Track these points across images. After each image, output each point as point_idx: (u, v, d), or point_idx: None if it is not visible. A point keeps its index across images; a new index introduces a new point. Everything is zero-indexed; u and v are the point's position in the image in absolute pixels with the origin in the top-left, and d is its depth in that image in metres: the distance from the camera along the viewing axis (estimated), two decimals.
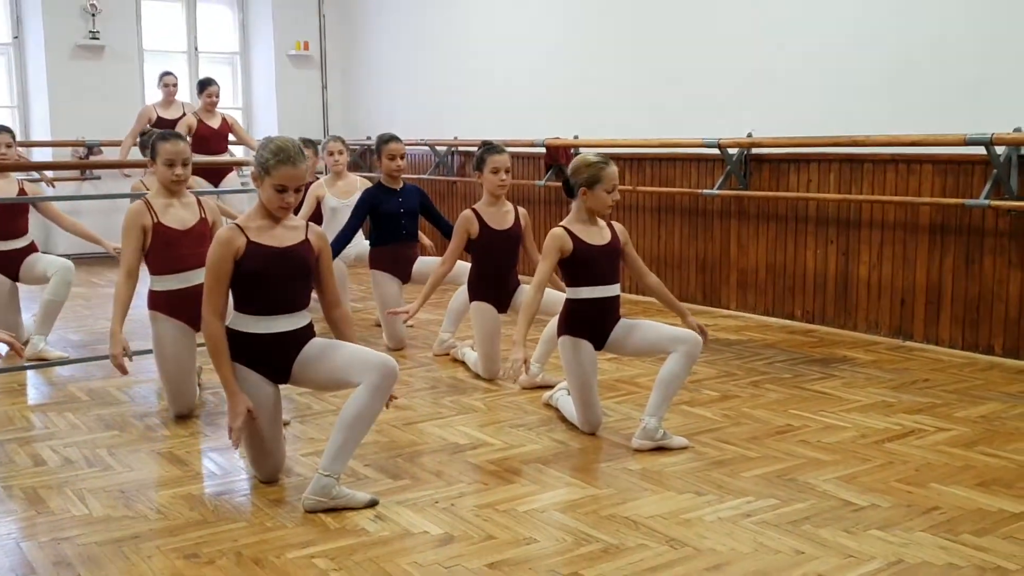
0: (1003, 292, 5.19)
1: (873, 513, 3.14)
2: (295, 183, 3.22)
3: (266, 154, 3.20)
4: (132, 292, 4.14)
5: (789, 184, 6.19)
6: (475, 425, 4.15)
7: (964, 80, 5.26)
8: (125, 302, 4.09)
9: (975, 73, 5.22)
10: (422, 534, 2.99)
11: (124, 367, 4.06)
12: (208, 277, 3.24)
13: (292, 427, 4.08)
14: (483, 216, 4.88)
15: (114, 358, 4.03)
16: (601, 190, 3.87)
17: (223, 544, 2.92)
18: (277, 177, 3.19)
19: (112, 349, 4.05)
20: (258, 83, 10.99)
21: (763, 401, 4.47)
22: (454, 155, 9.11)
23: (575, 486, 3.42)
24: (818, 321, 6.11)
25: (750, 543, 2.91)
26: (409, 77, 9.85)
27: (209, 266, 3.23)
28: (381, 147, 5.66)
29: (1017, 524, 3.03)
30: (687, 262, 6.94)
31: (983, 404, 4.38)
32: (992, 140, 4.91)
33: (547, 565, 2.77)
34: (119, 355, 4.04)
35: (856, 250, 5.87)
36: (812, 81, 6.01)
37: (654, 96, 7.06)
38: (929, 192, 5.44)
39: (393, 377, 3.19)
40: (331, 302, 3.49)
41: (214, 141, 8.44)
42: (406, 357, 5.40)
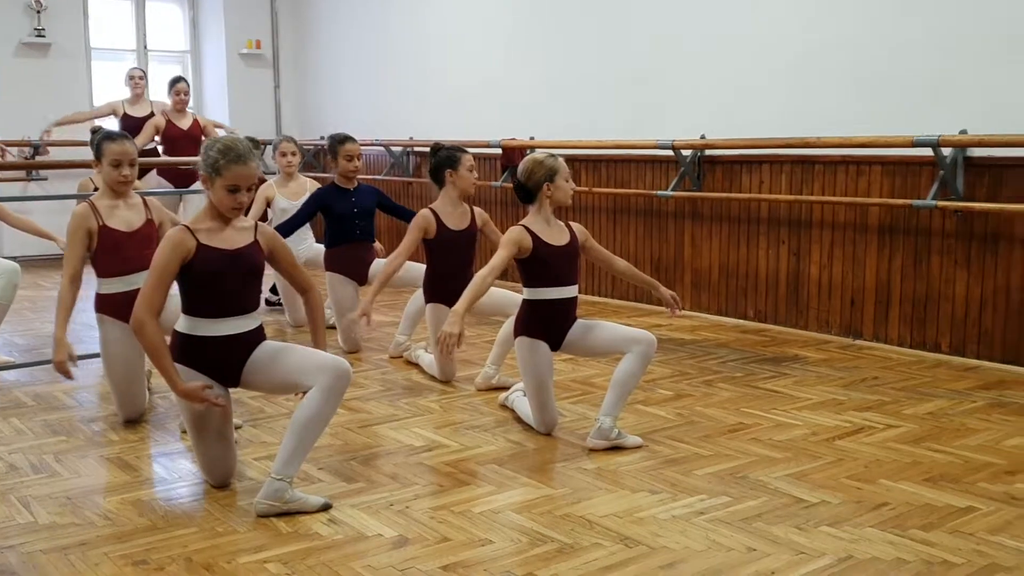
0: (950, 291, 5.29)
1: (823, 509, 3.18)
2: (247, 182, 3.19)
3: (214, 154, 3.17)
4: (76, 297, 4.07)
5: (741, 185, 6.25)
6: (431, 427, 4.14)
7: (912, 83, 5.36)
8: (69, 307, 4.03)
9: (923, 76, 5.31)
10: (376, 537, 2.98)
11: (69, 372, 3.99)
12: (152, 276, 3.17)
13: (244, 431, 4.04)
14: (441, 216, 4.88)
15: (59, 364, 3.95)
16: (561, 180, 3.93)
17: (173, 550, 2.89)
18: (228, 177, 3.16)
19: (56, 355, 3.96)
20: (209, 82, 10.88)
21: (716, 400, 4.52)
22: (409, 155, 9.09)
23: (530, 486, 3.43)
24: (770, 320, 6.18)
25: (703, 541, 2.94)
26: (363, 76, 9.81)
27: (155, 265, 3.17)
28: (337, 147, 5.62)
29: (963, 519, 3.09)
30: (642, 263, 6.98)
31: (930, 401, 4.46)
32: (939, 142, 5.00)
33: (502, 566, 2.77)
34: (63, 361, 3.97)
35: (807, 250, 5.95)
36: (764, 84, 6.08)
37: (609, 98, 7.10)
38: (878, 193, 5.53)
39: (347, 379, 3.17)
40: (302, 288, 3.49)
41: (184, 143, 8.18)
42: (361, 360, 5.38)
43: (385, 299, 7.08)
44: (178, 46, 10.85)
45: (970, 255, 5.19)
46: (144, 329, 3.15)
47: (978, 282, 5.16)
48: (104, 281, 4.15)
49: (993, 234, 5.09)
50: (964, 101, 5.12)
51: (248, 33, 10.58)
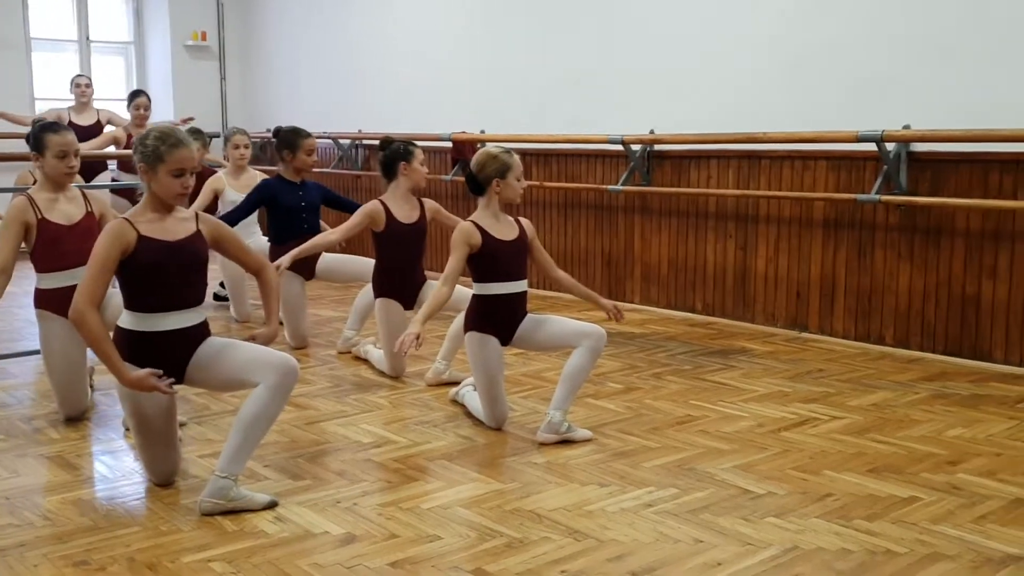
0: (893, 284, 5.37)
1: (770, 501, 3.21)
2: (191, 164, 3.14)
3: (152, 142, 3.12)
4: (3, 290, 3.98)
5: (690, 180, 6.29)
6: (379, 423, 4.12)
7: (856, 79, 5.42)
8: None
9: (866, 72, 5.38)
10: (323, 534, 2.95)
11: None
12: (92, 267, 3.09)
13: (188, 428, 3.99)
14: (391, 209, 4.84)
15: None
16: (512, 178, 3.91)
17: (115, 550, 2.84)
18: (172, 162, 3.11)
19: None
20: (153, 75, 10.71)
21: (665, 392, 4.54)
22: (358, 148, 9.02)
23: (480, 482, 3.42)
24: (718, 314, 6.24)
25: (651, 533, 2.95)
26: (311, 68, 9.72)
27: (95, 256, 3.10)
28: (300, 141, 5.50)
29: (906, 508, 3.14)
30: (593, 257, 7.01)
31: (875, 393, 4.52)
32: (883, 137, 5.07)
33: (450, 562, 2.76)
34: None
35: (754, 244, 6.00)
36: (712, 80, 6.12)
37: (560, 92, 7.10)
38: (823, 187, 5.59)
39: (294, 376, 3.14)
40: (255, 270, 3.44)
41: None
42: (309, 356, 5.33)
43: (333, 293, 7.04)
44: (121, 37, 10.66)
45: (913, 249, 5.27)
46: (85, 320, 3.07)
47: (921, 275, 5.25)
48: (44, 276, 4.06)
49: (936, 228, 5.17)
50: (907, 97, 5.19)
51: (193, 24, 10.42)
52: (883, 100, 5.28)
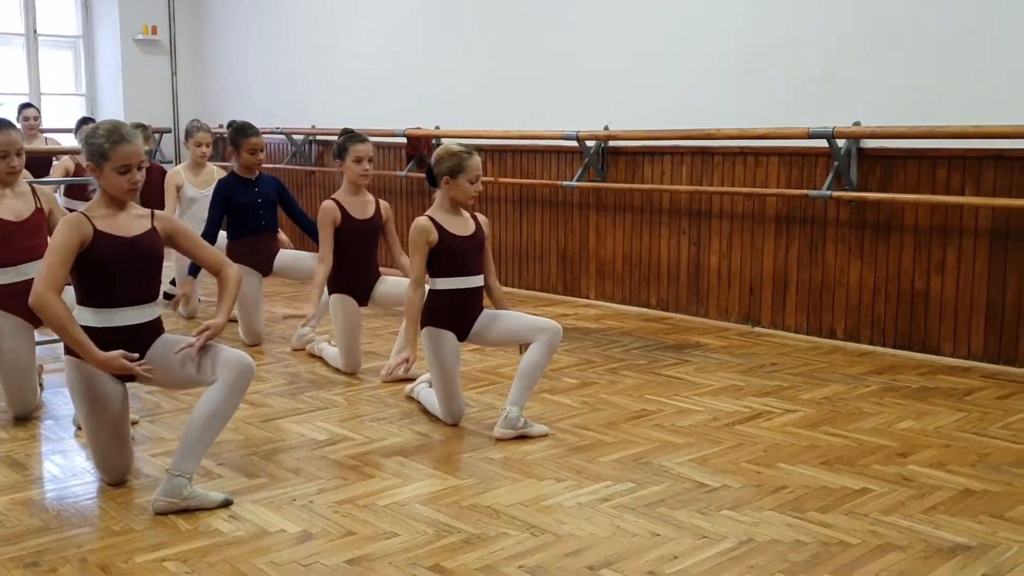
0: (844, 279, 5.44)
1: (725, 494, 3.24)
2: (136, 160, 3.10)
3: (97, 140, 3.08)
4: None
5: (644, 176, 6.33)
6: (335, 420, 4.09)
7: (807, 76, 5.48)
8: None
9: (817, 69, 5.44)
10: (279, 533, 2.93)
11: None
12: (51, 255, 3.03)
13: (141, 427, 3.93)
14: (344, 206, 4.80)
15: None
16: (464, 180, 3.87)
17: (67, 551, 2.79)
18: (117, 159, 3.06)
19: None
20: (103, 69, 10.53)
21: (620, 387, 4.56)
22: (312, 144, 8.95)
23: (437, 478, 3.41)
24: (672, 309, 6.28)
25: (608, 527, 2.96)
26: (264, 63, 9.62)
27: (54, 245, 3.04)
28: (241, 140, 5.46)
29: (858, 500, 3.18)
30: (548, 253, 7.02)
31: (827, 386, 4.58)
32: (834, 133, 5.13)
33: (408, 558, 2.75)
34: None
35: (707, 240, 6.05)
36: (666, 77, 6.15)
37: (515, 88, 7.10)
38: (775, 184, 5.65)
39: (249, 374, 3.10)
40: (215, 268, 3.34)
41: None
42: (263, 353, 5.28)
43: (288, 291, 6.98)
44: (70, 31, 10.47)
45: (863, 244, 5.34)
46: (47, 303, 2.99)
47: (871, 270, 5.32)
48: None
49: (886, 223, 5.25)
50: (858, 94, 5.26)
51: (144, 18, 10.26)
52: (834, 97, 5.34)
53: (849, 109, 5.23)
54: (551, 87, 6.83)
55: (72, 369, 3.15)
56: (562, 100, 6.73)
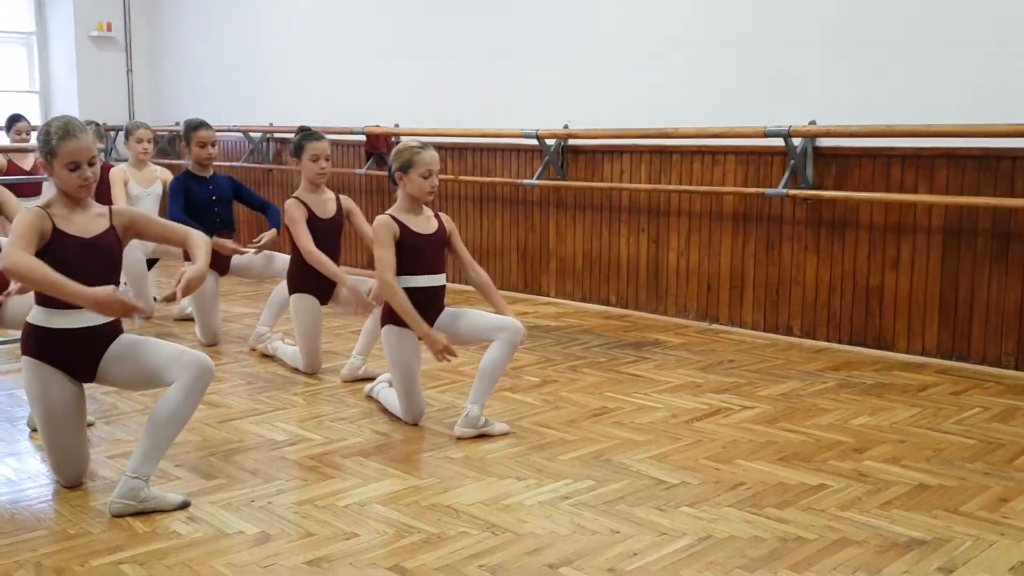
0: (800, 276, 5.49)
1: (684, 490, 3.25)
2: (86, 156, 3.04)
3: (46, 137, 3.03)
4: None
5: (603, 175, 6.34)
6: (294, 420, 4.05)
7: (764, 75, 5.53)
8: None
9: (774, 69, 5.49)
10: (237, 534, 2.90)
11: None
12: (14, 235, 2.93)
13: (97, 428, 3.87)
14: (308, 204, 4.75)
15: None
16: (415, 175, 3.85)
17: (21, 555, 2.74)
18: (64, 155, 3.01)
19: None
20: (56, 66, 10.36)
21: (580, 385, 4.57)
22: (269, 142, 8.87)
23: (397, 477, 3.39)
24: (631, 306, 6.30)
25: (568, 525, 2.96)
26: (220, 60, 9.52)
27: (16, 228, 2.95)
28: (190, 134, 5.43)
29: (815, 496, 3.21)
30: (508, 251, 7.01)
31: (784, 383, 4.62)
32: (790, 132, 5.18)
33: (368, 559, 2.73)
34: None
35: (666, 238, 6.08)
36: (625, 76, 6.17)
37: (475, 86, 7.09)
38: (732, 182, 5.69)
39: (209, 375, 3.07)
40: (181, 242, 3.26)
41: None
42: (221, 353, 5.22)
43: (246, 289, 6.92)
44: (22, 27, 10.29)
45: (819, 241, 5.40)
46: (15, 262, 2.86)
47: (827, 267, 5.38)
48: None
49: (841, 221, 5.30)
50: (813, 94, 5.31)
51: (98, 14, 10.11)
52: (790, 97, 5.39)
53: (805, 108, 5.28)
54: (511, 86, 6.82)
55: (28, 370, 3.09)
56: (522, 99, 6.73)
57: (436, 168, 3.89)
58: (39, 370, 3.07)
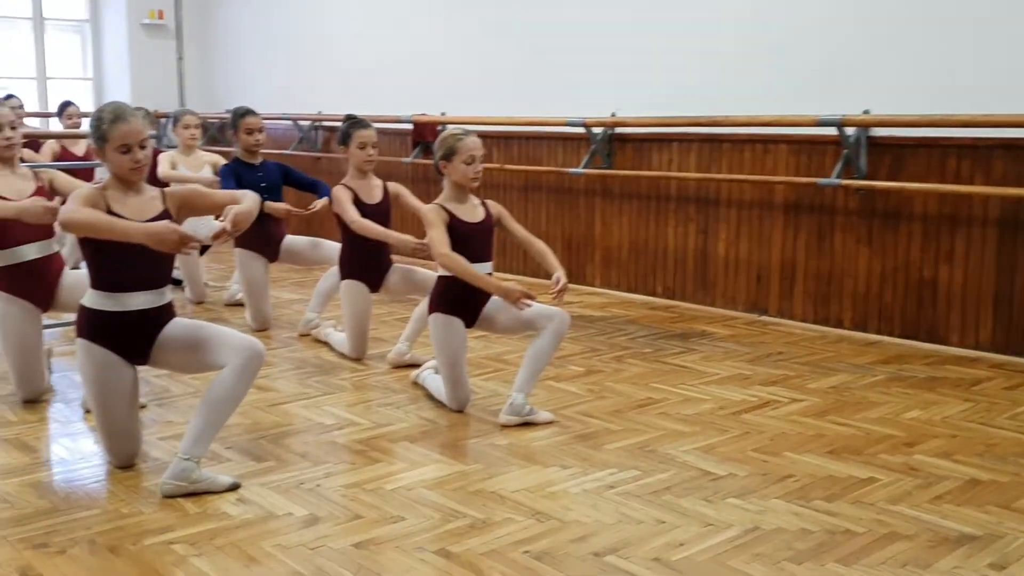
0: (852, 268, 5.43)
1: (731, 482, 3.25)
2: (137, 138, 3.10)
3: (97, 122, 3.10)
4: None
5: (651, 163, 6.32)
6: (342, 405, 4.10)
7: (817, 63, 5.47)
8: None
9: (827, 57, 5.43)
10: (286, 516, 2.95)
11: None
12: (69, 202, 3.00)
13: (149, 410, 3.95)
14: (356, 191, 4.79)
15: None
16: (459, 162, 3.87)
17: (75, 532, 2.81)
18: (116, 138, 3.08)
19: None
20: (109, 53, 10.53)
21: (626, 375, 4.57)
22: (318, 130, 8.95)
23: (443, 463, 3.43)
24: (678, 297, 6.28)
25: (613, 514, 2.97)
26: (270, 48, 9.61)
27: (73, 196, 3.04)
28: (238, 121, 5.50)
29: (864, 489, 3.19)
30: (553, 240, 7.00)
31: (833, 375, 4.58)
32: (843, 122, 5.12)
33: (415, 542, 2.77)
34: None
35: (715, 228, 6.05)
36: (674, 62, 6.13)
37: (521, 74, 7.09)
38: (784, 171, 5.64)
39: (260, 359, 3.12)
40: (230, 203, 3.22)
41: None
42: (271, 338, 5.29)
43: (295, 276, 7.00)
44: (77, 15, 10.47)
45: (872, 233, 5.34)
46: (71, 214, 2.95)
47: (879, 259, 5.32)
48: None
49: (894, 212, 5.24)
50: (867, 82, 5.25)
51: (150, 3, 10.25)
52: (843, 85, 5.33)
53: (859, 97, 5.22)
54: (558, 73, 6.81)
55: (83, 352, 3.17)
56: (569, 86, 6.72)
57: (479, 154, 3.91)
58: (93, 352, 3.14)
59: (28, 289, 3.99)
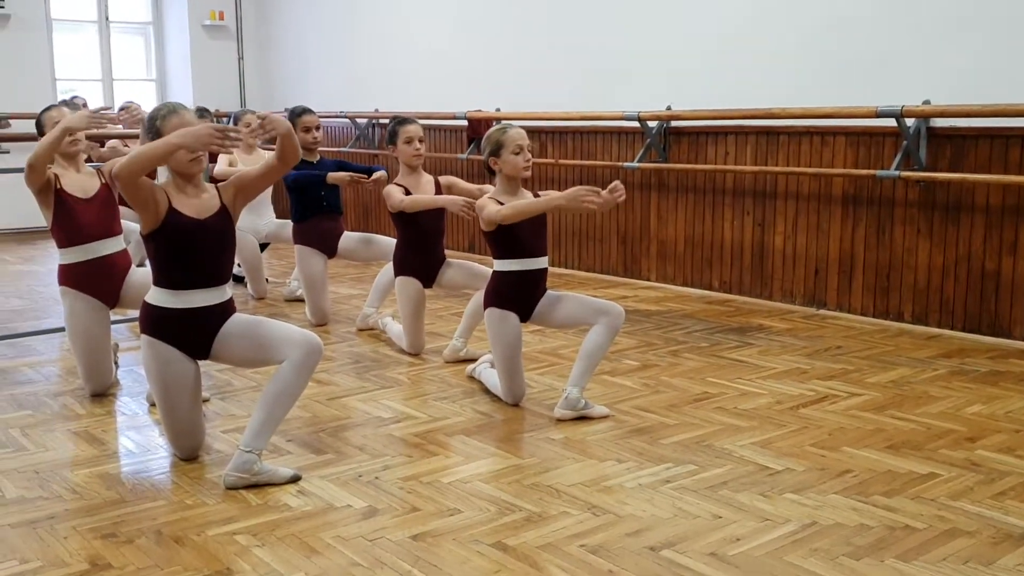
0: (912, 261, 5.34)
1: (788, 477, 3.22)
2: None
3: (151, 121, 3.19)
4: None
5: (707, 156, 6.27)
6: (399, 399, 4.14)
7: (876, 53, 5.38)
8: None
9: (886, 46, 5.33)
10: (345, 508, 2.98)
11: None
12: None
13: (212, 404, 4.02)
14: (407, 187, 4.83)
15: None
16: (508, 154, 3.88)
17: (142, 523, 2.88)
18: (169, 131, 3.13)
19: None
20: (172, 54, 10.72)
21: (681, 369, 4.55)
22: (375, 127, 9.02)
23: (499, 457, 3.44)
24: (735, 291, 6.22)
25: (669, 508, 2.96)
26: (327, 47, 9.70)
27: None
28: (295, 120, 5.57)
29: (924, 485, 3.13)
30: (608, 235, 7.00)
31: (893, 370, 4.51)
32: (902, 112, 5.03)
33: (471, 535, 2.78)
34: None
35: (772, 221, 5.98)
36: (730, 55, 6.08)
37: (576, 69, 7.07)
38: (842, 163, 5.56)
39: (318, 354, 3.16)
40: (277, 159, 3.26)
41: None
42: (329, 332, 5.35)
43: (353, 272, 7.07)
44: (140, 17, 10.67)
45: (932, 225, 5.24)
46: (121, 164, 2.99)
47: (940, 252, 5.22)
48: (65, 251, 4.09)
49: (955, 204, 5.14)
50: (927, 72, 5.15)
51: (211, 4, 10.41)
52: (903, 75, 5.23)
53: (918, 87, 5.12)
54: (612, 67, 6.79)
55: (147, 348, 3.23)
56: (623, 80, 6.69)
57: (526, 143, 3.91)
58: (156, 348, 3.21)
59: (96, 285, 4.09)
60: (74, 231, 4.06)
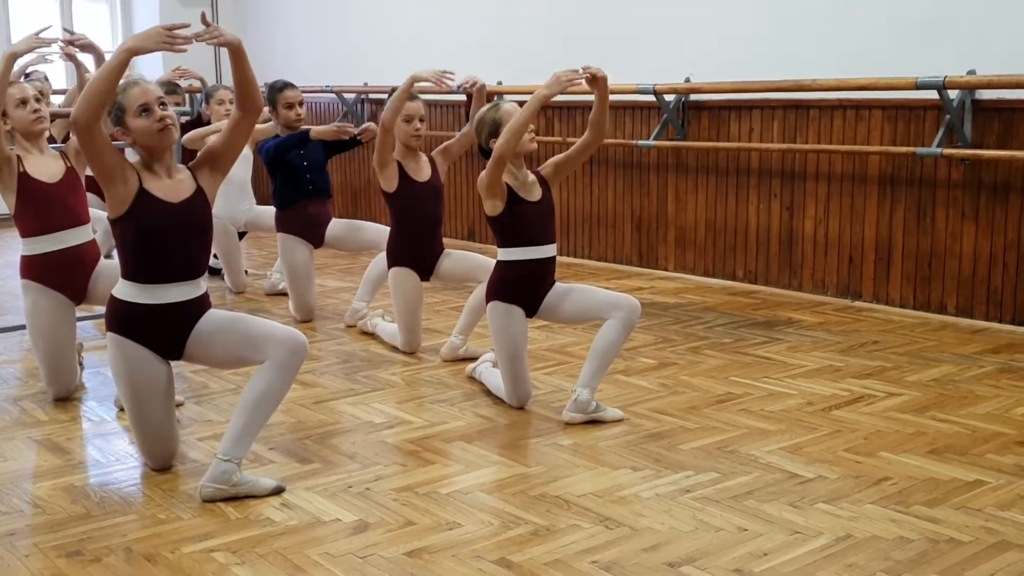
0: (956, 247, 5.34)
1: (820, 485, 3.22)
2: (152, 96, 3.18)
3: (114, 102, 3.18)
4: None
5: (730, 133, 6.27)
6: (393, 402, 4.15)
7: (915, 20, 5.37)
8: None
9: (926, 11, 5.33)
10: (334, 522, 2.99)
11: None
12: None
13: (186, 408, 4.03)
14: (403, 166, 4.83)
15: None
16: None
17: (111, 540, 2.89)
18: (132, 102, 3.16)
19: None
20: (140, 24, 10.71)
21: (702, 368, 4.55)
22: (364, 103, 9.02)
23: (502, 465, 3.45)
24: (761, 281, 6.23)
25: (690, 521, 2.97)
26: (312, 15, 9.69)
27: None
28: (275, 96, 5.58)
29: (970, 493, 3.14)
30: (621, 220, 7.00)
31: (935, 367, 4.52)
32: (945, 84, 5.03)
33: (472, 551, 2.79)
34: None
35: (801, 204, 5.98)
36: (754, 22, 6.07)
37: (583, 38, 7.06)
38: (878, 140, 5.56)
39: (303, 353, 3.17)
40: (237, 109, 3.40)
41: None
42: (315, 330, 5.37)
43: (341, 262, 7.08)
44: None
45: (978, 208, 5.24)
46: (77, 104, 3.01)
47: (987, 237, 5.22)
48: (29, 241, 4.09)
49: (1004, 184, 5.14)
50: (972, 39, 5.14)
51: None
52: (945, 42, 5.23)
53: (962, 56, 5.12)
54: (624, 35, 6.77)
55: (113, 347, 3.24)
56: (637, 50, 6.68)
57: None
58: (125, 348, 3.21)
59: (63, 279, 4.09)
60: (42, 219, 4.06)
